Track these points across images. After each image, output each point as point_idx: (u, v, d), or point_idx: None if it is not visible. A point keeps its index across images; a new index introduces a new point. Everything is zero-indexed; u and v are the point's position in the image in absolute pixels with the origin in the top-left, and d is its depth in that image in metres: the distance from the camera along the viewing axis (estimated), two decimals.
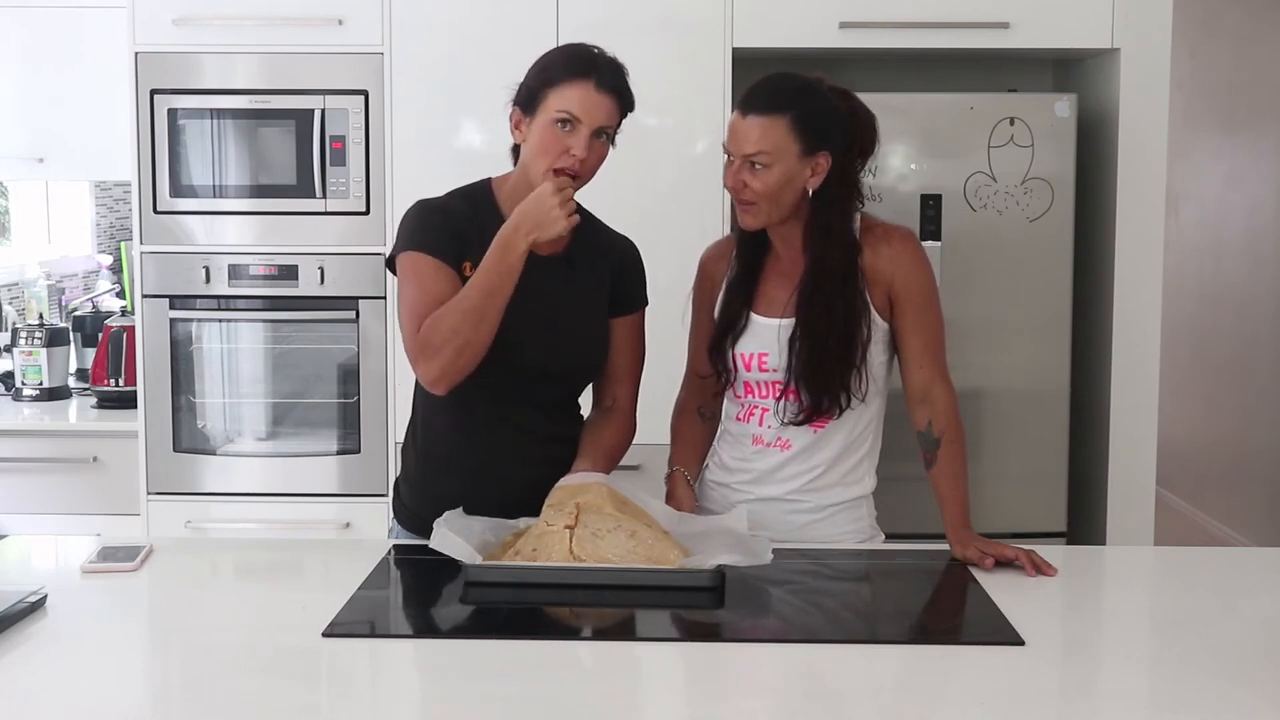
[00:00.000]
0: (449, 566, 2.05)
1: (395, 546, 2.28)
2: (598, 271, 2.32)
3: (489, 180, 2.31)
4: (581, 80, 2.16)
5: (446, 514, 2.11)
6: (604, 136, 2.19)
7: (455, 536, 2.03)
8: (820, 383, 2.28)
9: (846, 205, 2.29)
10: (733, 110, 2.29)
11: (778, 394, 2.32)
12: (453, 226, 2.22)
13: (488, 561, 2.05)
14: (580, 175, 2.18)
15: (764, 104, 2.24)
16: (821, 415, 2.30)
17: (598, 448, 2.31)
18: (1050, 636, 1.94)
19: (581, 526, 2.06)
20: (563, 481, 2.19)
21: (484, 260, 2.12)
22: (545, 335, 2.24)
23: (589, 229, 2.33)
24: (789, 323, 2.30)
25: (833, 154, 2.25)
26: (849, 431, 2.34)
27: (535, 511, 2.19)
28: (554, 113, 2.15)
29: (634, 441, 2.40)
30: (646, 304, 2.40)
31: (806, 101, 2.25)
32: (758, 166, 2.22)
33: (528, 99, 2.19)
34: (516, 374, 2.23)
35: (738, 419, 2.41)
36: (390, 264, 2.27)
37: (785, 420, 2.32)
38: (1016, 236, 3.42)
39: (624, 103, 2.21)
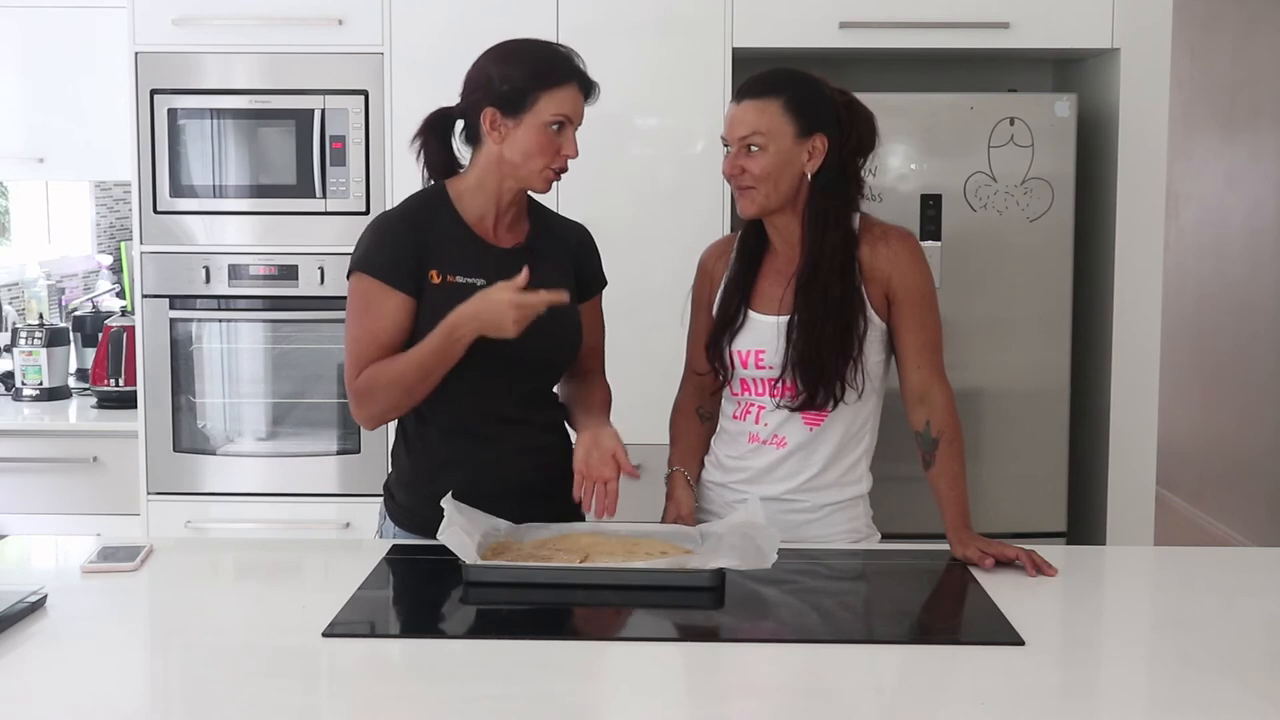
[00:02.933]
0: (449, 566, 2.05)
1: (395, 547, 2.28)
2: (561, 259, 2.35)
3: (443, 183, 2.33)
4: (570, 83, 2.22)
5: (451, 502, 2.11)
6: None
7: (462, 534, 2.04)
8: (816, 371, 2.28)
9: (847, 197, 2.31)
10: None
11: (774, 391, 2.33)
12: (411, 238, 2.25)
13: (488, 562, 2.06)
14: (564, 171, 2.26)
15: (757, 89, 2.28)
16: (817, 405, 2.30)
17: (594, 403, 2.36)
18: (1050, 636, 1.94)
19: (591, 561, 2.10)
20: (583, 438, 2.23)
21: (429, 339, 2.17)
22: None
23: (543, 218, 2.38)
24: (786, 319, 2.31)
25: (829, 138, 2.27)
26: (845, 429, 2.35)
27: (535, 506, 2.23)
28: (550, 116, 2.19)
29: (634, 441, 2.40)
30: (606, 283, 2.45)
31: (800, 85, 2.29)
32: (754, 149, 2.24)
33: (514, 100, 2.21)
34: (497, 369, 2.24)
35: (734, 417, 2.41)
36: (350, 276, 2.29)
37: (781, 404, 2.32)
38: (1016, 236, 3.42)
39: (589, 101, 2.29)
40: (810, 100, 2.27)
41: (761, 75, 2.31)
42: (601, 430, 2.25)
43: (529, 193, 2.33)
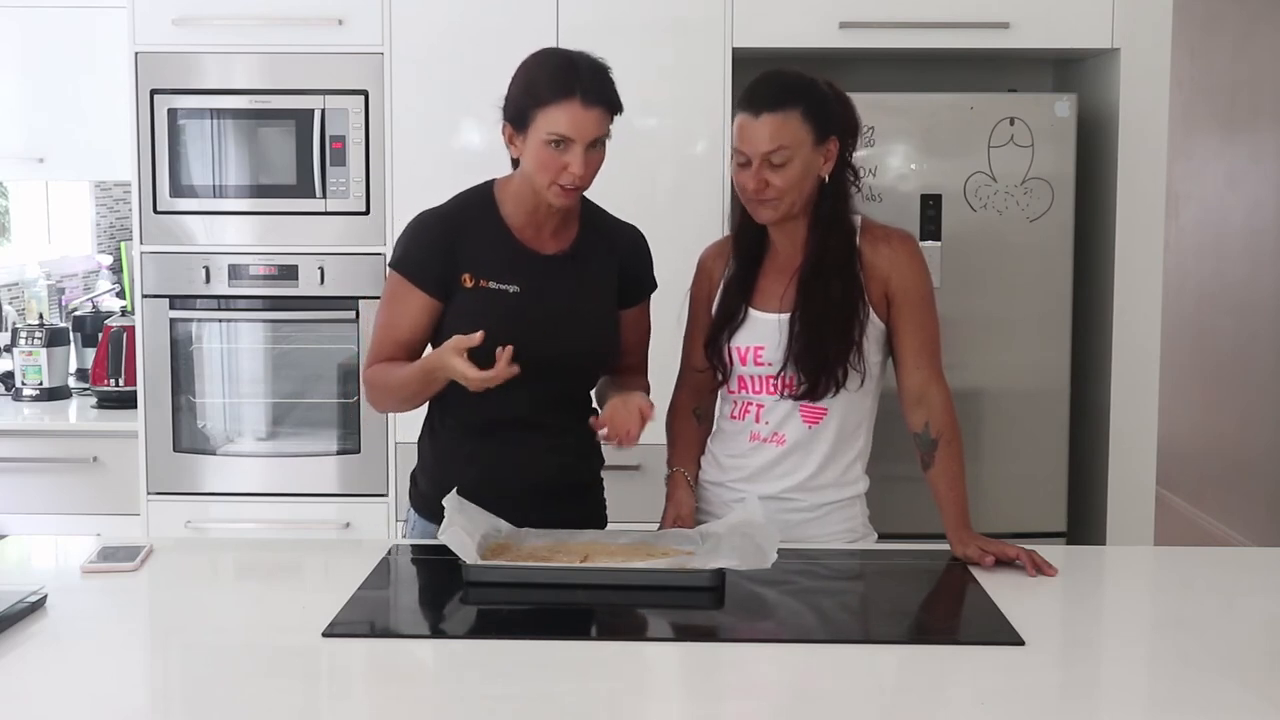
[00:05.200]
0: (449, 566, 2.05)
1: (395, 546, 2.28)
2: (606, 264, 2.34)
3: (493, 182, 2.32)
4: (567, 100, 2.14)
5: (453, 501, 2.11)
6: (599, 145, 2.19)
7: (462, 533, 2.04)
8: (817, 363, 2.28)
9: (847, 187, 2.33)
10: (734, 112, 2.31)
11: (773, 388, 2.33)
12: (447, 241, 2.25)
13: (488, 561, 2.06)
14: (580, 187, 2.21)
15: (774, 100, 2.26)
16: (819, 394, 2.30)
17: (631, 387, 2.31)
18: (1050, 636, 1.94)
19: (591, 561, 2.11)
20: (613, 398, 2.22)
21: (413, 367, 2.23)
22: (555, 331, 2.25)
23: (593, 220, 2.36)
24: (787, 316, 2.31)
25: (838, 138, 2.28)
26: (842, 428, 2.35)
27: (548, 509, 2.24)
28: (545, 134, 2.15)
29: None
30: (656, 287, 2.43)
31: (811, 92, 2.29)
32: (777, 162, 2.23)
33: (517, 116, 2.20)
34: (527, 372, 2.23)
35: (732, 416, 2.41)
36: None
37: (784, 394, 2.32)
38: (1016, 236, 3.42)
39: (612, 110, 2.20)
40: (822, 105, 2.28)
41: (771, 83, 2.29)
42: (631, 394, 2.22)
43: (585, 196, 2.32)
